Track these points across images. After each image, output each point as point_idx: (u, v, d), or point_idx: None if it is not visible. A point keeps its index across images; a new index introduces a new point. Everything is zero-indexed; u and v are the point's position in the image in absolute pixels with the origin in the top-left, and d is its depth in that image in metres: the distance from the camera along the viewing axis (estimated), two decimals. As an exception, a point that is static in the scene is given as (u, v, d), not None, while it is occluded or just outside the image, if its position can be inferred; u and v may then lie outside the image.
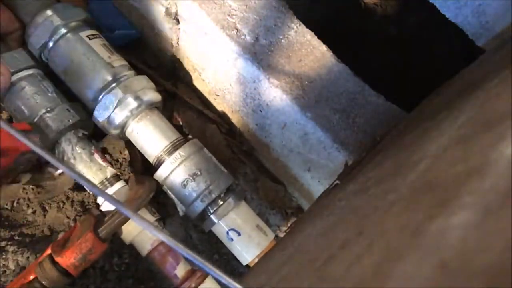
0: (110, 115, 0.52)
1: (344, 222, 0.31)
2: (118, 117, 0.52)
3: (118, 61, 0.54)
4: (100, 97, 0.52)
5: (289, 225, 0.69)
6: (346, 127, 0.51)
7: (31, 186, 0.60)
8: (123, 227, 0.54)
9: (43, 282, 0.48)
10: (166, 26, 0.62)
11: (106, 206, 0.56)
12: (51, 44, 0.53)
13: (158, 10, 0.61)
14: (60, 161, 0.30)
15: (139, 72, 0.57)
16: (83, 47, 0.53)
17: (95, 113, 0.53)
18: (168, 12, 0.60)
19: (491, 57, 0.45)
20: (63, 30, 0.53)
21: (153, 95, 0.54)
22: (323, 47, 0.54)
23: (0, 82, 0.50)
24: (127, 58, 0.59)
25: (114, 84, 0.52)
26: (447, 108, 0.34)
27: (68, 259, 0.48)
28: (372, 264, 0.20)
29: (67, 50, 0.53)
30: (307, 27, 0.55)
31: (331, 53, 0.53)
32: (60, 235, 0.59)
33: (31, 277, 0.49)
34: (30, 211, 0.60)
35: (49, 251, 0.49)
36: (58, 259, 0.48)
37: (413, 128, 0.40)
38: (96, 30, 0.57)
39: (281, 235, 0.67)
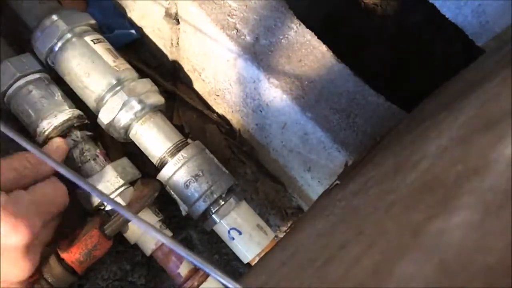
0: (114, 117, 0.53)
1: (344, 222, 0.31)
2: (123, 119, 0.53)
3: (122, 65, 0.55)
4: (105, 100, 0.53)
5: (289, 225, 0.68)
6: (346, 127, 0.51)
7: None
8: (128, 228, 0.54)
9: (48, 279, 0.49)
10: (166, 26, 0.62)
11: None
12: (56, 48, 0.54)
13: (158, 10, 0.61)
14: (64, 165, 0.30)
15: (139, 72, 0.58)
16: (88, 51, 0.54)
17: (100, 115, 0.54)
18: (168, 12, 0.60)
19: (491, 57, 0.45)
20: (69, 35, 0.54)
21: (156, 98, 0.55)
22: (323, 47, 0.54)
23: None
24: (127, 58, 0.59)
25: (118, 87, 0.53)
26: (447, 108, 0.34)
27: (74, 254, 0.49)
28: (372, 264, 0.20)
29: (72, 54, 0.54)
30: (307, 27, 0.55)
31: (331, 53, 0.53)
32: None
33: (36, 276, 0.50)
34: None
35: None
36: (63, 255, 0.49)
37: (413, 128, 0.40)
38: (101, 35, 0.57)
39: (281, 235, 0.67)
